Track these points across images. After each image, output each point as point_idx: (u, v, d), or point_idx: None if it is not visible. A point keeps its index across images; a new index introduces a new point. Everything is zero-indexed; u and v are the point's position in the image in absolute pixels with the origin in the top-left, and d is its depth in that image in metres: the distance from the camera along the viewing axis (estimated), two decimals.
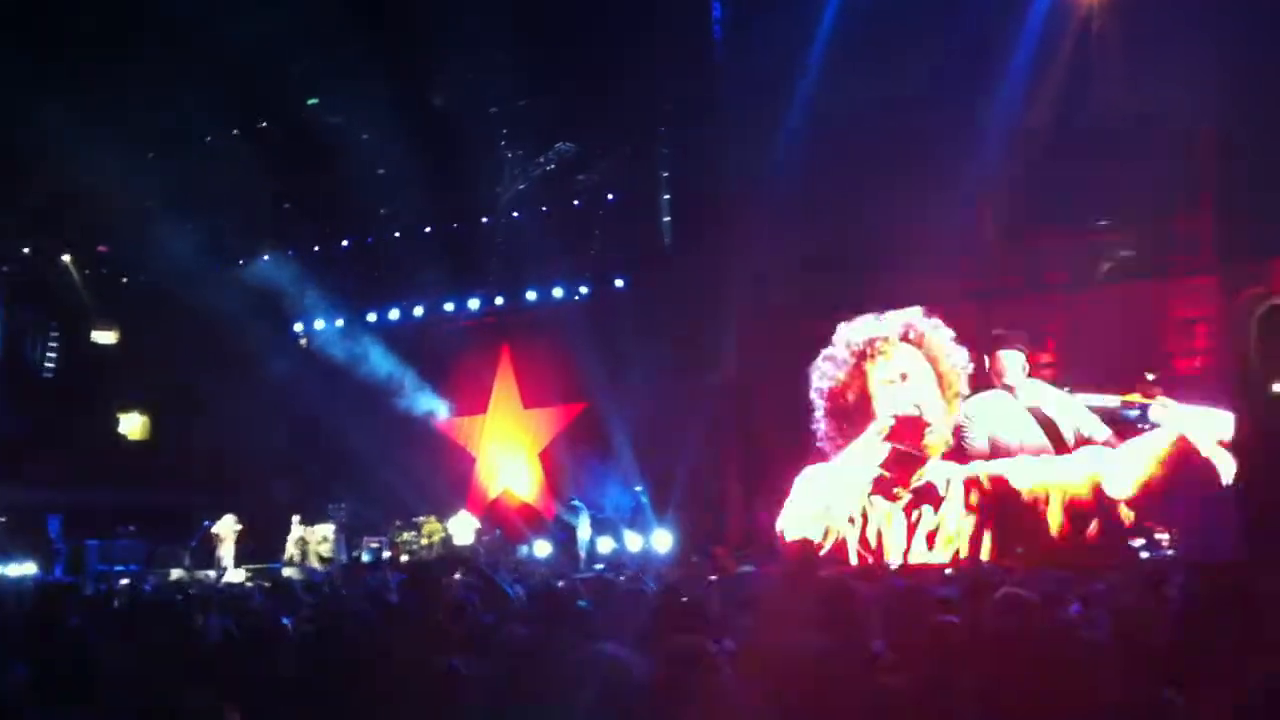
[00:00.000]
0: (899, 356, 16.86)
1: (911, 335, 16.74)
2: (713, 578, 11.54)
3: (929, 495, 15.88)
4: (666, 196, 19.52)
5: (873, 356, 17.04)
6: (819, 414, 17.32)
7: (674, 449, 17.48)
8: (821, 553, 15.53)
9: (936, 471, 15.97)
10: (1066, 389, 15.51)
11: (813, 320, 17.91)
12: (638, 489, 18.33)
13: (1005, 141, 15.07)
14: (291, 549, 19.58)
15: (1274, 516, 13.07)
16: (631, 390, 17.83)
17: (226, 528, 19.38)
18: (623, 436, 18.56)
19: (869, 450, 16.44)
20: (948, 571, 12.69)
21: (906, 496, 15.96)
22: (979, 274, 16.22)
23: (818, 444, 17.29)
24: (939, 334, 16.49)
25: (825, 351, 17.42)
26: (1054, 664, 3.66)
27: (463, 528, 19.39)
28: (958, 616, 5.08)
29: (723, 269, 17.19)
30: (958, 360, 16.25)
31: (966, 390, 16.11)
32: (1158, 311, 15.39)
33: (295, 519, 19.74)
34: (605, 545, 17.91)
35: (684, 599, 5.79)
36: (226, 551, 19.29)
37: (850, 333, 17.29)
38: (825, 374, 17.41)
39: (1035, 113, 15.12)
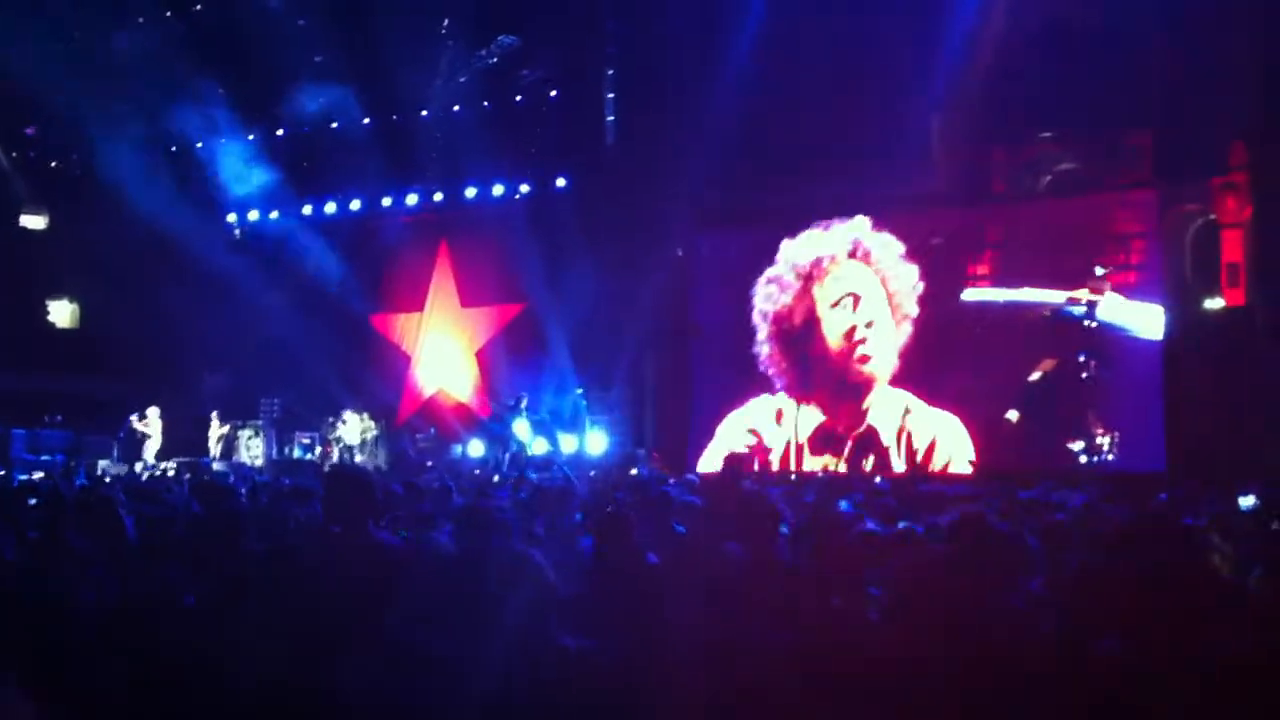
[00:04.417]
0: (847, 276, 16.76)
1: (859, 252, 16.63)
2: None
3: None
4: (611, 95, 19.15)
5: (820, 278, 16.93)
6: (763, 337, 17.29)
7: (613, 353, 17.43)
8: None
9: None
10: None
11: (758, 226, 17.80)
12: (577, 391, 18.22)
13: (957, 52, 14.81)
14: (214, 445, 19.46)
15: (1196, 432, 13.49)
16: (571, 292, 17.59)
17: (153, 421, 19.17)
18: (561, 338, 18.40)
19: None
20: (878, 480, 12.92)
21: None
22: (925, 184, 16.04)
23: (761, 369, 17.28)
24: (888, 251, 16.38)
25: (770, 272, 17.32)
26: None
27: (351, 431, 19.30)
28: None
29: (666, 172, 16.88)
30: (907, 279, 16.18)
31: (915, 311, 16.09)
32: (1095, 225, 15.46)
33: (214, 415, 19.59)
34: (540, 447, 17.86)
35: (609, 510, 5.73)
36: (153, 445, 19.09)
37: (795, 252, 17.15)
38: (769, 296, 17.31)
39: (987, 24, 14.82)
